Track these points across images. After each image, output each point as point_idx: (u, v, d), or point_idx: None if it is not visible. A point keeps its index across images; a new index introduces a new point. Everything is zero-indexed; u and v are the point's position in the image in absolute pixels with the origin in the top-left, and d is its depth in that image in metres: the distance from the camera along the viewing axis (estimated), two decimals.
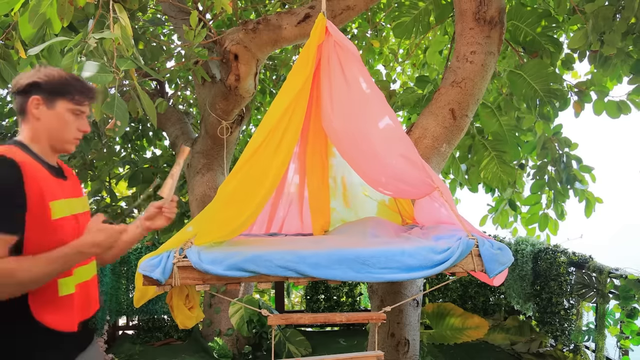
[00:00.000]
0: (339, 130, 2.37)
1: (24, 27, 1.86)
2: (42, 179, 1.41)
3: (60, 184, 1.50)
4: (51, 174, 1.48)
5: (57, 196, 1.44)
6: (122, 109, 1.78)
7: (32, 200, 1.35)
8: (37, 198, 1.37)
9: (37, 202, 1.37)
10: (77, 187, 1.64)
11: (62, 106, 1.49)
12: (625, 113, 4.01)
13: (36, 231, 1.37)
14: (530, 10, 3.73)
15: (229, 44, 3.67)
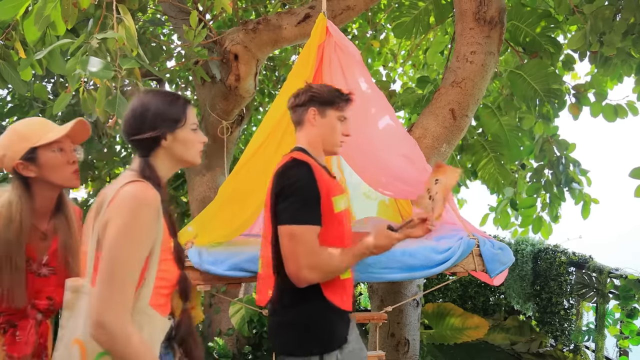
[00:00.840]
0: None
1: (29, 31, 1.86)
2: (325, 177, 1.61)
3: (333, 182, 1.68)
4: (327, 172, 1.69)
5: (336, 192, 1.63)
6: (123, 107, 1.78)
7: (323, 196, 1.55)
8: (325, 194, 1.56)
9: (325, 198, 1.56)
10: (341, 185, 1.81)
11: (332, 115, 1.70)
12: (621, 117, 4.02)
13: (325, 223, 1.56)
14: (530, 10, 3.73)
15: (229, 44, 3.67)
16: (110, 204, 1.16)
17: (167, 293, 1.27)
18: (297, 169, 1.56)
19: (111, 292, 1.10)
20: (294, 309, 1.59)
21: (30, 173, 1.43)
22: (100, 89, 1.82)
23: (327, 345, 1.56)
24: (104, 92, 1.81)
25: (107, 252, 1.13)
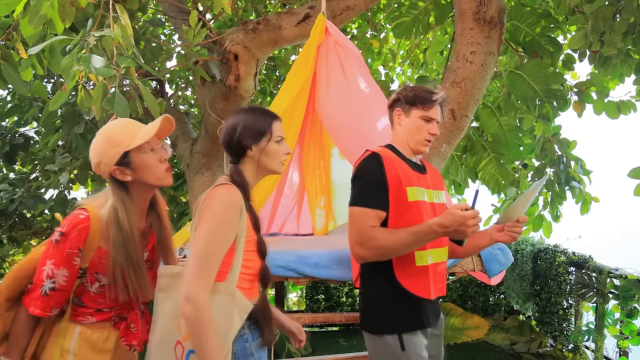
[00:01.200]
0: (338, 129, 2.37)
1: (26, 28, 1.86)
2: (400, 169, 1.72)
3: (417, 176, 1.78)
4: (410, 167, 1.78)
5: (413, 183, 1.73)
6: (122, 105, 1.78)
7: (392, 184, 1.69)
8: (396, 183, 1.69)
9: (396, 186, 1.69)
10: (437, 182, 1.90)
11: (416, 114, 1.78)
12: (624, 113, 4.02)
13: (395, 210, 1.69)
14: (530, 10, 3.73)
15: (229, 44, 3.68)
16: (203, 203, 1.41)
17: (250, 279, 1.48)
18: (367, 160, 1.74)
19: (197, 274, 1.31)
20: (369, 289, 1.78)
21: (126, 177, 1.48)
22: (98, 87, 1.82)
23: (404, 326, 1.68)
24: (101, 90, 1.81)
25: (196, 242, 1.35)
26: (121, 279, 1.45)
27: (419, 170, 1.84)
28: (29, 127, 5.16)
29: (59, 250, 1.42)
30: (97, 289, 1.49)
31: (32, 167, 5.12)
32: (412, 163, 1.83)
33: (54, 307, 1.45)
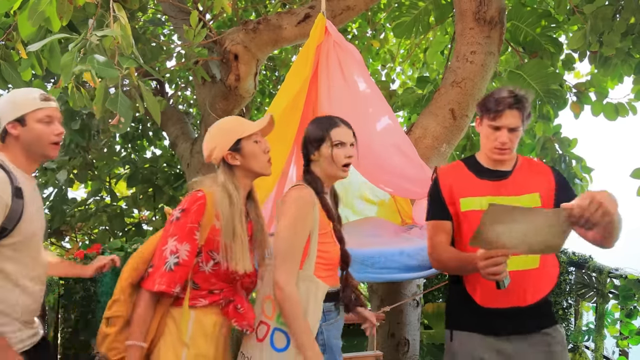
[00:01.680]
0: None
1: (24, 26, 1.86)
2: (456, 181, 1.81)
3: (484, 185, 1.79)
4: (477, 177, 1.81)
5: (470, 194, 1.78)
6: (125, 105, 1.79)
7: (446, 197, 1.80)
8: (449, 195, 1.80)
9: (449, 198, 1.80)
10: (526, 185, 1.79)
11: (485, 123, 1.78)
12: (622, 115, 4.02)
13: (455, 220, 1.79)
14: (530, 10, 3.72)
15: (229, 44, 3.68)
16: (281, 205, 1.65)
17: (328, 267, 1.67)
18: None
19: (283, 265, 1.55)
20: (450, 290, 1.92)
21: (236, 162, 1.63)
22: (99, 87, 1.82)
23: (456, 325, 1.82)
24: (103, 91, 1.81)
25: (278, 238, 1.59)
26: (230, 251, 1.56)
27: (495, 177, 1.79)
28: None
29: (181, 226, 1.54)
30: (211, 268, 1.59)
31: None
32: (489, 171, 1.81)
33: (177, 284, 1.52)
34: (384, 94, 3.28)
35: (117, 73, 1.75)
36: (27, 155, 1.65)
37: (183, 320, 1.56)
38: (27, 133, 1.62)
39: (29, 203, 1.60)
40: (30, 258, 1.64)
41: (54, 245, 6.20)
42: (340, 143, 1.68)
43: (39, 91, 1.66)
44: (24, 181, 1.62)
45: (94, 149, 5.31)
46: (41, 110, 1.63)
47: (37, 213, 1.67)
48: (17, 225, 1.56)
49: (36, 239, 1.66)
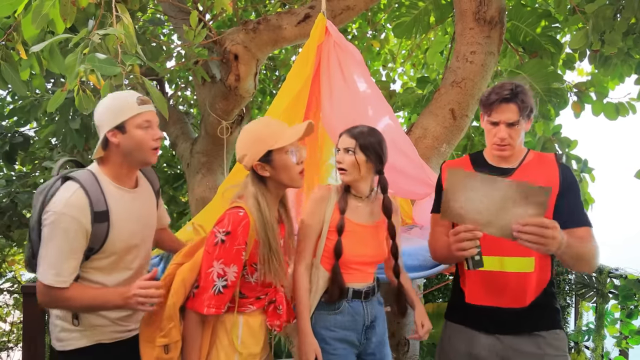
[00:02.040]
0: (337, 128, 2.37)
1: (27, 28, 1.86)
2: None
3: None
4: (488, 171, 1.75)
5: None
6: None
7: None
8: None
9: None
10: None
11: (485, 119, 1.77)
12: (622, 115, 4.02)
13: None
14: (530, 10, 3.72)
15: (229, 44, 3.67)
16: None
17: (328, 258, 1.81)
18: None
19: (299, 253, 1.82)
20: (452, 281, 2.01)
21: (265, 173, 1.61)
22: (104, 86, 1.82)
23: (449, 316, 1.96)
24: (108, 89, 1.81)
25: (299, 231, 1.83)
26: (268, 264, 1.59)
27: (498, 174, 1.71)
28: (29, 127, 5.16)
29: (227, 249, 1.53)
30: (256, 278, 1.62)
31: (32, 166, 5.12)
32: (491, 168, 1.78)
33: (226, 304, 1.57)
34: (384, 94, 3.29)
35: (119, 70, 1.75)
36: (127, 163, 1.65)
37: (234, 329, 1.61)
38: (128, 140, 1.60)
39: (119, 221, 1.61)
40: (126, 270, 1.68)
41: None
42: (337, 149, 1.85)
43: (136, 95, 1.64)
44: (117, 198, 1.62)
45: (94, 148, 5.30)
46: (140, 115, 1.61)
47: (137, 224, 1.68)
48: (103, 245, 1.59)
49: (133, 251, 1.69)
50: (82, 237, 1.53)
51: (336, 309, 1.82)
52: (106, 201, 1.59)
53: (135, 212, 1.69)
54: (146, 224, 1.75)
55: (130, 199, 1.68)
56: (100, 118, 1.62)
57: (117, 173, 1.65)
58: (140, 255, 1.74)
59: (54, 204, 1.52)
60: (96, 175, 1.61)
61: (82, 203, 1.53)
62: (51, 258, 1.51)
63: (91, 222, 1.54)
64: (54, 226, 1.50)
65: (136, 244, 1.70)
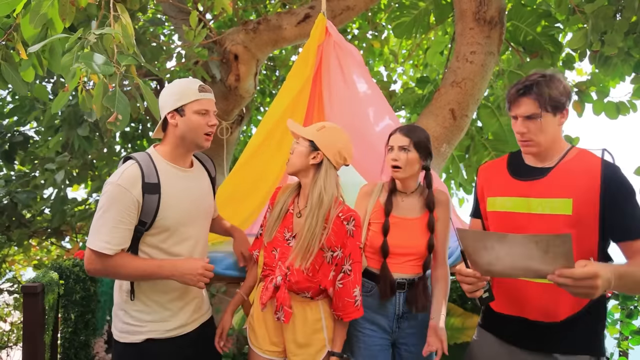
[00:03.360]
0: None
1: (26, 28, 1.85)
2: (488, 178, 1.76)
3: (515, 184, 1.65)
4: (510, 174, 1.70)
5: (498, 193, 1.70)
6: (123, 103, 1.78)
7: (479, 194, 1.80)
8: (480, 192, 1.79)
9: (480, 195, 1.79)
10: (554, 188, 1.57)
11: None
12: (623, 114, 4.02)
13: (485, 220, 1.77)
14: (530, 10, 3.73)
15: (229, 44, 3.68)
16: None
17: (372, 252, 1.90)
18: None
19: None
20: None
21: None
22: (98, 85, 1.81)
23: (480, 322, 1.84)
24: (102, 88, 1.80)
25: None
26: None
27: (530, 176, 1.63)
28: (29, 126, 5.16)
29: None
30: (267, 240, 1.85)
31: (32, 166, 5.12)
32: (527, 168, 1.65)
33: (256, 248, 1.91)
34: (384, 94, 3.29)
35: (113, 69, 1.75)
36: (182, 145, 1.74)
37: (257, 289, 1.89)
38: (185, 123, 1.70)
39: (170, 196, 1.68)
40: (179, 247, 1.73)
41: (54, 245, 6.20)
42: (390, 148, 1.91)
43: (198, 82, 1.74)
44: (169, 174, 1.71)
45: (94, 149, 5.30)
46: (199, 102, 1.71)
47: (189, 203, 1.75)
48: (155, 219, 1.65)
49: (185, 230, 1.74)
50: (132, 208, 1.61)
51: (367, 291, 1.88)
52: (158, 175, 1.68)
53: (187, 191, 1.75)
54: (199, 207, 1.80)
55: (183, 177, 1.76)
56: (163, 100, 1.73)
57: (173, 153, 1.74)
58: (193, 237, 1.77)
59: (111, 177, 1.66)
60: (151, 155, 1.72)
61: (135, 174, 1.63)
62: (101, 226, 1.60)
63: (142, 192, 1.63)
64: (108, 195, 1.60)
65: (188, 222, 1.75)
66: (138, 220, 1.64)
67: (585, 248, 1.51)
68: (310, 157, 1.78)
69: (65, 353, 2.98)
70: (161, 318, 1.71)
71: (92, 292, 3.26)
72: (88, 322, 3.18)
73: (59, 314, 2.99)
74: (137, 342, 1.70)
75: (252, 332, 1.87)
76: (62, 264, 3.02)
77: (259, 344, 1.84)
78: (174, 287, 1.73)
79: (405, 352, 1.91)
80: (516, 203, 1.63)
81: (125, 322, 1.72)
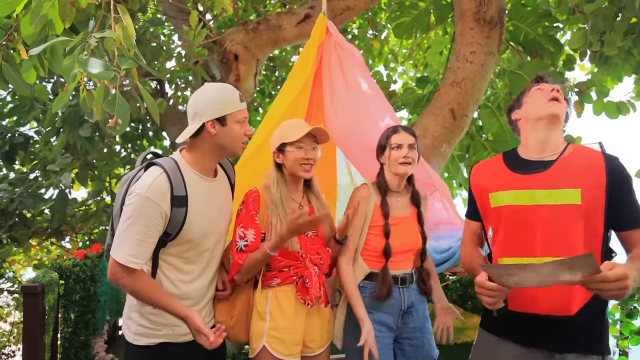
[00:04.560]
0: (340, 130, 2.37)
1: (26, 28, 1.85)
2: (486, 175, 1.72)
3: (518, 178, 1.62)
4: (509, 169, 1.67)
5: (502, 188, 1.64)
6: (123, 107, 1.78)
7: (475, 193, 1.75)
8: (478, 190, 1.73)
9: (478, 194, 1.73)
10: (559, 179, 1.55)
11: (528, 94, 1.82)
12: (623, 114, 4.02)
13: (485, 218, 1.71)
14: (530, 10, 3.73)
15: (229, 44, 3.68)
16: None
17: (373, 254, 1.93)
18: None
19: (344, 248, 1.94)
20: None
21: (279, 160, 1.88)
22: (99, 88, 1.81)
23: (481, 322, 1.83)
24: (102, 92, 1.80)
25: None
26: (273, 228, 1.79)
27: (532, 169, 1.61)
28: (29, 126, 5.16)
29: (242, 215, 1.83)
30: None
31: (32, 166, 5.12)
32: (527, 162, 1.64)
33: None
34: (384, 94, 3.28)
35: (112, 74, 1.74)
36: (215, 153, 1.72)
37: (261, 298, 1.83)
38: (225, 132, 1.67)
39: (196, 207, 1.65)
40: (199, 258, 1.72)
41: (54, 245, 6.20)
42: (397, 145, 1.93)
43: (237, 91, 1.73)
44: (196, 185, 1.68)
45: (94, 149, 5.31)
46: (240, 111, 1.70)
47: (213, 215, 1.74)
48: (180, 231, 1.63)
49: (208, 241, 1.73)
50: (160, 221, 1.58)
51: (371, 293, 1.92)
52: (186, 187, 1.64)
53: (212, 202, 1.73)
54: (221, 217, 1.79)
55: (209, 188, 1.73)
56: (202, 107, 1.67)
57: (200, 161, 1.70)
58: (211, 247, 1.76)
59: (138, 186, 1.58)
60: (178, 162, 1.66)
61: (164, 187, 1.58)
62: (130, 239, 1.56)
63: (170, 206, 1.59)
64: (135, 207, 1.55)
65: (210, 233, 1.73)
66: (164, 232, 1.62)
67: (592, 239, 1.51)
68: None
69: (65, 353, 2.99)
70: (175, 322, 1.68)
71: (92, 292, 3.26)
72: (88, 322, 3.19)
73: (59, 314, 2.99)
74: (151, 344, 1.69)
75: (279, 344, 1.80)
76: (62, 264, 3.02)
77: (289, 352, 1.81)
78: (189, 295, 1.72)
79: (408, 346, 1.96)
80: (520, 196, 1.59)
81: (140, 324, 1.70)
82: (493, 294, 1.42)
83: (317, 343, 1.89)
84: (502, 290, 1.42)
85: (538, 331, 1.56)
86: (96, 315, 3.27)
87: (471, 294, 5.50)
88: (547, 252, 1.51)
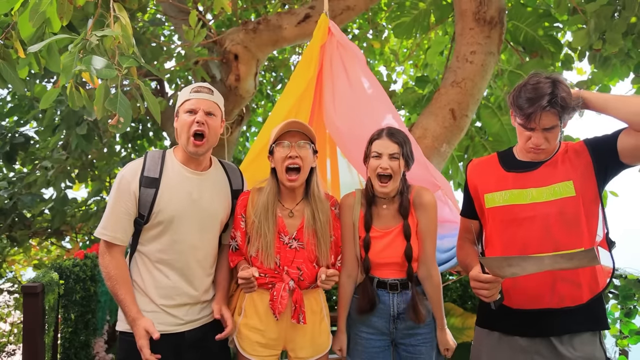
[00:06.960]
0: (342, 130, 2.36)
1: (24, 26, 1.85)
2: (481, 176, 1.72)
3: (511, 177, 1.65)
4: (503, 169, 1.69)
5: (495, 188, 1.66)
6: (125, 105, 1.78)
7: (473, 194, 1.75)
8: (474, 191, 1.74)
9: (475, 195, 1.74)
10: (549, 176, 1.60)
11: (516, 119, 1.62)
12: None
13: (483, 219, 1.73)
14: (530, 10, 3.73)
15: (229, 44, 3.68)
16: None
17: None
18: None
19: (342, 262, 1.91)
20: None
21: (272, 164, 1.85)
22: (100, 87, 1.81)
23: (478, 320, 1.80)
24: (103, 91, 1.80)
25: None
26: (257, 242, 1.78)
27: (524, 168, 1.65)
28: (29, 126, 5.16)
29: (234, 217, 1.86)
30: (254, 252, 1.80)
31: (32, 166, 5.12)
32: (520, 162, 1.67)
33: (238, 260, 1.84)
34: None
35: (115, 73, 1.75)
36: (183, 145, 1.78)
37: (241, 293, 1.85)
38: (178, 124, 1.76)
39: (168, 192, 1.71)
40: (174, 246, 1.73)
41: (54, 245, 6.20)
42: (378, 154, 1.79)
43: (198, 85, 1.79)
44: (175, 173, 1.75)
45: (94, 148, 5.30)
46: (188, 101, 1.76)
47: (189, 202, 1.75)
48: (151, 212, 1.69)
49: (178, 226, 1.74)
50: (129, 198, 1.69)
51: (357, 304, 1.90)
52: (162, 171, 1.73)
53: (190, 191, 1.75)
54: (201, 209, 1.77)
55: (191, 178, 1.77)
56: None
57: (184, 154, 1.78)
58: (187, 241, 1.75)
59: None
60: (166, 153, 1.79)
61: (136, 167, 1.72)
62: (105, 214, 1.71)
63: (139, 185, 1.69)
64: (113, 186, 1.73)
65: (184, 220, 1.74)
66: (138, 213, 1.70)
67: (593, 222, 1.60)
68: (314, 159, 1.84)
69: (65, 353, 2.98)
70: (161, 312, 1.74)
71: (92, 292, 3.26)
72: (88, 322, 3.18)
73: (59, 314, 2.99)
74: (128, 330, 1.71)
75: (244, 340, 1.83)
76: (62, 264, 3.02)
77: (253, 351, 1.82)
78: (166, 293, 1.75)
79: (403, 352, 1.89)
80: (515, 195, 1.62)
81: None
82: (489, 286, 1.49)
83: (306, 352, 1.84)
84: (497, 282, 1.49)
85: (545, 323, 1.59)
86: (96, 315, 3.27)
87: (471, 293, 5.49)
88: (553, 246, 1.55)
